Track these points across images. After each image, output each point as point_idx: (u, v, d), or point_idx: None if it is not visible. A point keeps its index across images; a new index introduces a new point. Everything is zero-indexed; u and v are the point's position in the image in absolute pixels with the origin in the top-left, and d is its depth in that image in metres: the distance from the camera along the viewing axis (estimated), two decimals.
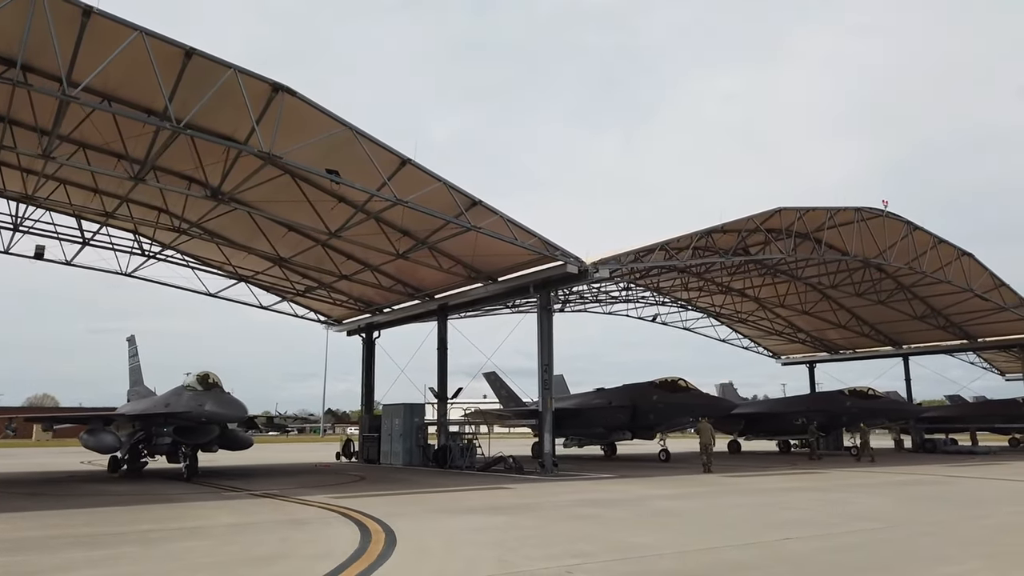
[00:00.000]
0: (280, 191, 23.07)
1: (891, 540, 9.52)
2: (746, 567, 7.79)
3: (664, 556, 8.37)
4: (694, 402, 31.10)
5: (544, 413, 24.27)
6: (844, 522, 11.38)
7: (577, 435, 36.47)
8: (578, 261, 23.41)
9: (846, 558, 8.17)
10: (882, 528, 10.63)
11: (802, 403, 41.54)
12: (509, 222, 21.86)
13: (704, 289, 41.70)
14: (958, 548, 8.87)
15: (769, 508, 13.44)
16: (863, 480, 20.63)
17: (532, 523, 11.38)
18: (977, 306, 39.34)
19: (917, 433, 46.95)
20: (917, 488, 18.09)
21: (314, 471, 26.20)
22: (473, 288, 27.34)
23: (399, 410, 29.97)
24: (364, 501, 14.85)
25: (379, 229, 24.09)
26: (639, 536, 9.90)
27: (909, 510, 13.15)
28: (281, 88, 17.68)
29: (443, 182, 20.65)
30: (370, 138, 19.26)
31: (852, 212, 31.28)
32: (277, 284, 32.52)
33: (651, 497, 15.68)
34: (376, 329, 34.81)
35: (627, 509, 13.43)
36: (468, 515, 12.45)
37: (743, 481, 20.61)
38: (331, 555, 8.47)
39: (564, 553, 8.51)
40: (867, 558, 8.19)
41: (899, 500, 14.97)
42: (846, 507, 13.55)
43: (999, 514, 12.58)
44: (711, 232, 28.10)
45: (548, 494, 16.39)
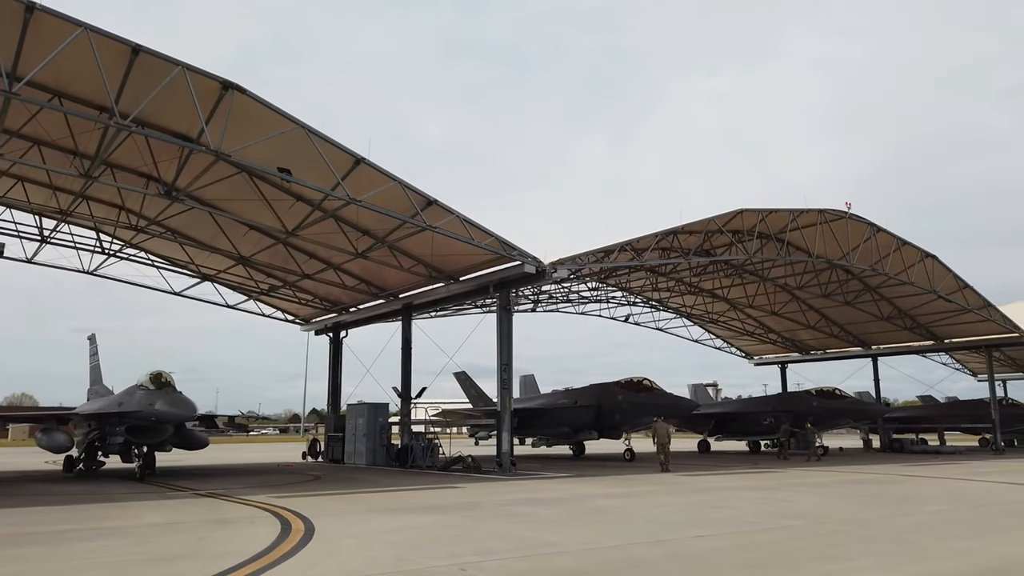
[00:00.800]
0: (238, 190, 23.04)
1: (799, 538, 9.65)
2: (640, 563, 7.88)
3: (567, 553, 8.44)
4: (658, 402, 31.29)
5: (502, 413, 24.33)
6: (766, 520, 11.51)
7: (544, 435, 36.57)
8: (536, 261, 23.48)
9: (740, 555, 8.28)
10: (800, 526, 10.77)
11: (769, 403, 41.92)
12: (465, 222, 21.90)
13: (674, 290, 41.91)
14: (861, 546, 9.00)
15: (702, 507, 13.55)
16: (815, 479, 20.84)
17: (458, 522, 11.43)
18: (942, 307, 39.75)
19: (885, 433, 47.47)
20: (862, 487, 18.31)
21: (275, 471, 26.12)
22: (435, 288, 27.37)
23: (363, 410, 29.91)
24: (305, 501, 14.83)
25: (338, 228, 24.10)
26: (556, 534, 9.97)
27: (840, 508, 13.31)
28: (231, 86, 17.62)
29: (398, 181, 20.67)
30: (323, 136, 19.23)
31: (815, 214, 31.54)
32: (243, 283, 32.39)
33: (593, 496, 15.78)
34: (343, 329, 34.75)
35: (562, 507, 13.51)
36: (401, 514, 12.48)
37: (695, 480, 20.77)
38: (236, 554, 8.47)
39: (470, 551, 8.57)
40: (761, 556, 8.31)
41: (836, 499, 15.15)
42: (780, 506, 13.70)
43: (923, 512, 12.77)
44: (673, 233, 28.25)
45: (493, 493, 16.44)
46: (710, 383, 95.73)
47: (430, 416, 36.23)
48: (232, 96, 17.70)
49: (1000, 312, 40.05)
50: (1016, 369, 66.78)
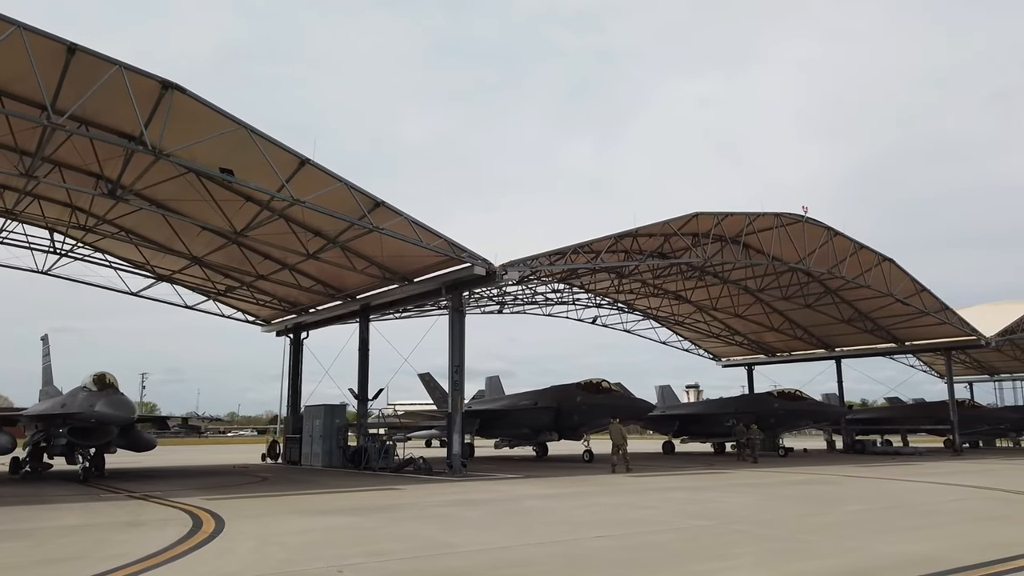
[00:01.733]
0: (187, 190, 22.92)
1: (696, 539, 9.78)
2: (521, 563, 7.96)
3: (457, 555, 8.50)
4: (615, 403, 31.51)
5: (453, 414, 24.38)
6: (677, 521, 11.65)
7: (506, 436, 36.66)
8: (486, 263, 23.54)
9: (624, 555, 8.39)
10: (706, 527, 10.90)
11: (732, 404, 42.27)
12: (413, 223, 21.92)
13: (639, 292, 42.19)
14: (753, 545, 9.14)
15: (626, 508, 13.68)
16: (758, 480, 21.07)
17: (373, 524, 11.46)
18: (901, 311, 40.27)
19: (848, 434, 48.01)
20: (799, 488, 18.53)
21: (228, 472, 25.96)
22: (390, 289, 27.38)
23: (319, 411, 29.84)
24: (234, 503, 14.81)
25: (289, 228, 24.05)
26: (462, 536, 10.03)
27: (760, 509, 13.49)
28: (171, 85, 17.55)
29: (344, 182, 20.65)
30: (266, 137, 19.17)
31: (772, 217, 31.87)
32: (201, 284, 32.19)
33: (527, 497, 15.87)
34: (304, 330, 34.62)
35: (488, 509, 13.58)
36: (321, 516, 12.49)
37: (639, 482, 20.91)
38: (126, 556, 8.46)
39: (362, 553, 8.61)
40: (645, 556, 8.44)
41: (764, 499, 15.35)
42: (702, 507, 13.86)
43: (839, 512, 12.97)
44: (629, 235, 28.42)
45: (430, 494, 16.48)
46: (692, 384, 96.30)
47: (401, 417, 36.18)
48: (172, 96, 17.64)
49: (957, 315, 40.67)
50: (982, 371, 68.00)
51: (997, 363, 65.02)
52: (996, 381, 70.29)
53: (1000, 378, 69.48)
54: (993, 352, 60.73)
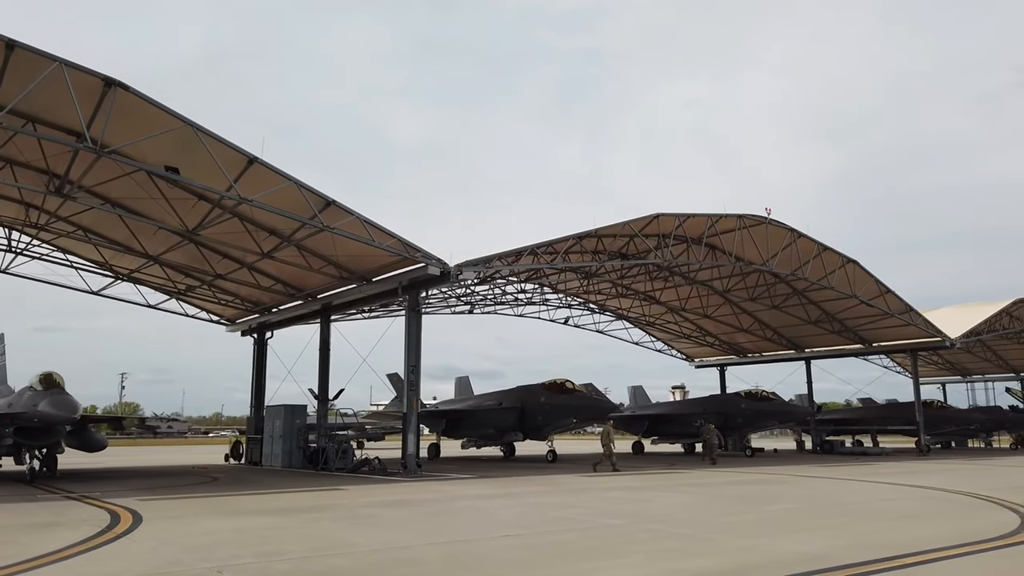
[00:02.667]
0: (140, 187, 22.76)
1: (599, 537, 9.83)
2: (411, 563, 7.98)
3: (353, 555, 8.51)
4: (577, 403, 31.62)
5: (408, 414, 24.34)
6: (595, 519, 11.72)
7: (471, 436, 36.65)
8: (441, 263, 23.53)
9: (518, 554, 8.44)
10: (618, 525, 10.97)
11: (700, 405, 42.48)
12: (365, 222, 21.87)
13: (607, 292, 42.29)
14: (653, 544, 9.21)
15: (555, 507, 13.73)
16: (706, 480, 21.18)
17: (291, 524, 11.44)
18: (867, 312, 40.59)
19: (818, 435, 48.35)
20: (741, 488, 18.64)
21: (184, 474, 25.75)
22: (349, 289, 27.31)
23: (280, 411, 29.69)
24: (165, 504, 14.75)
25: (243, 227, 23.96)
26: (367, 535, 10.03)
27: (684, 508, 13.58)
28: (113, 83, 17.45)
29: (293, 181, 20.58)
30: (212, 135, 19.06)
31: (735, 219, 32.02)
32: (163, 284, 31.98)
33: (463, 497, 15.89)
34: (268, 330, 34.43)
35: (416, 509, 13.57)
36: (243, 517, 12.44)
37: (589, 482, 20.96)
38: (18, 556, 8.40)
39: (257, 553, 8.59)
40: (540, 554, 8.49)
41: (697, 498, 15.45)
42: (630, 506, 13.93)
43: (764, 511, 13.08)
44: (587, 236, 28.48)
45: (367, 495, 16.46)
46: (678, 385, 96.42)
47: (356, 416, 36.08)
48: (115, 92, 17.54)
49: (922, 317, 41.06)
50: (954, 373, 68.69)
51: (969, 364, 65.70)
52: (968, 382, 70.96)
53: (972, 379, 70.14)
54: (965, 354, 61.50)
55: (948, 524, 11.34)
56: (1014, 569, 7.80)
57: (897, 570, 7.53)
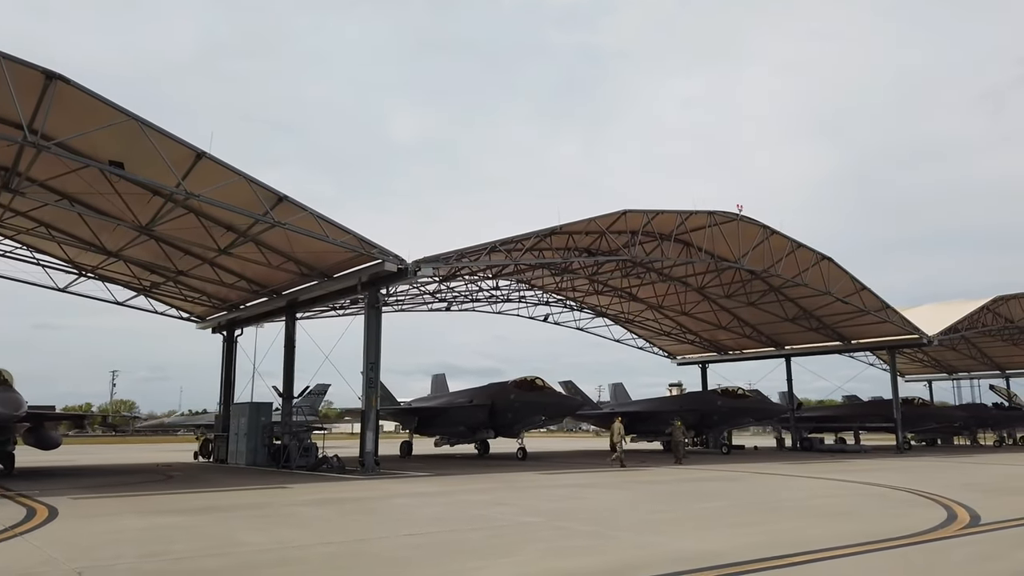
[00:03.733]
0: (94, 182, 22.51)
1: (501, 535, 9.68)
2: (286, 563, 7.80)
3: (231, 555, 8.34)
4: (546, 400, 31.49)
5: (368, 412, 24.16)
6: (516, 517, 11.56)
7: (443, 433, 36.45)
8: (398, 259, 23.35)
9: (405, 553, 8.30)
10: (533, 523, 10.82)
11: (677, 403, 42.37)
12: (319, 218, 21.67)
13: (583, 289, 42.12)
14: (550, 542, 9.05)
15: (485, 505, 13.58)
16: (660, 478, 21.06)
17: (199, 523, 11.29)
18: (843, 309, 40.44)
19: (797, 432, 48.29)
20: (688, 485, 18.49)
21: (143, 472, 25.54)
22: (311, 285, 27.12)
23: (244, 409, 29.50)
24: (95, 502, 14.61)
25: (199, 223, 23.75)
26: (266, 535, 9.86)
27: (613, 506, 13.44)
28: (54, 76, 17.25)
29: (243, 176, 20.38)
30: (158, 130, 18.87)
31: (705, 215, 31.85)
32: (128, 280, 31.73)
33: (399, 495, 15.78)
34: (238, 327, 34.19)
35: (342, 507, 13.42)
36: (161, 516, 12.27)
37: (543, 479, 20.82)
38: None
39: (140, 553, 8.43)
40: (425, 553, 8.34)
41: (637, 496, 15.32)
42: (561, 504, 13.79)
43: (692, 508, 12.95)
44: (553, 233, 28.30)
45: (306, 493, 16.28)
46: (675, 383, 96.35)
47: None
48: (56, 86, 17.33)
49: (899, 314, 40.96)
50: (940, 370, 68.66)
51: (955, 362, 65.69)
52: (954, 380, 70.96)
53: (958, 377, 70.14)
54: (950, 351, 61.50)
55: (867, 522, 11.19)
56: (895, 567, 7.62)
57: (779, 569, 7.36)
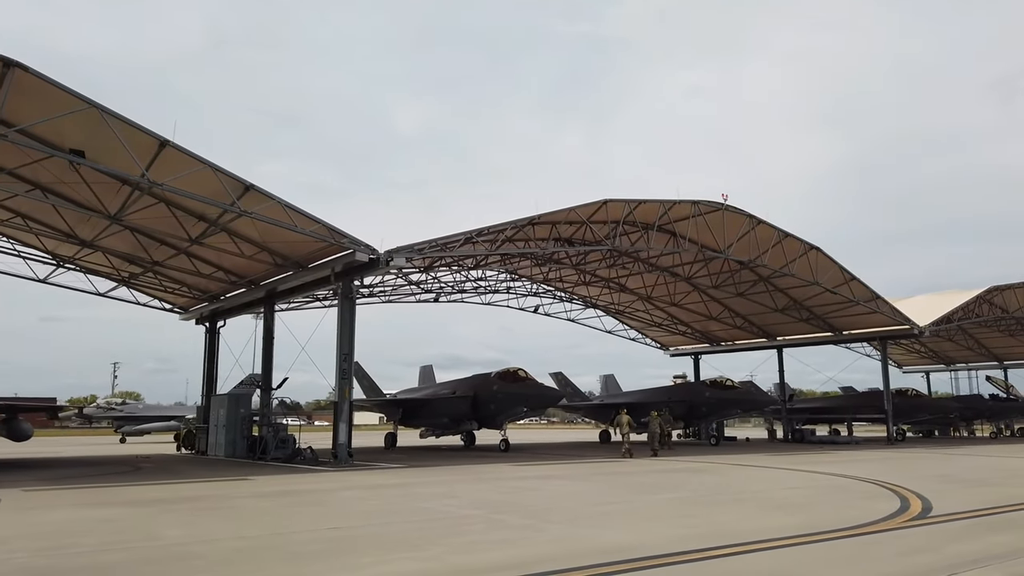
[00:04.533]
0: (64, 172, 22.34)
1: (429, 529, 9.43)
2: (188, 557, 7.58)
3: (137, 549, 8.13)
4: (528, 392, 31.25)
5: (340, 403, 23.98)
6: (456, 510, 11.34)
7: (427, 425, 36.28)
8: (369, 249, 23.10)
9: (314, 548, 8.03)
10: (469, 516, 10.58)
11: (665, 393, 42.10)
12: (287, 207, 21.43)
13: (571, 280, 41.82)
14: (473, 535, 8.81)
15: (429, 498, 13.35)
16: (628, 470, 20.80)
17: (132, 516, 11.10)
18: (833, 299, 40.05)
19: (790, 423, 48.02)
20: (652, 477, 18.22)
21: (118, 463, 25.39)
22: (285, 276, 26.89)
23: (223, 400, 29.37)
24: (47, 494, 14.52)
25: (170, 212, 23.54)
26: (190, 528, 9.64)
27: (563, 498, 13.20)
28: (11, 63, 17.01)
29: (209, 164, 20.13)
30: (120, 117, 18.61)
31: (689, 205, 31.46)
32: (110, 272, 31.57)
33: (355, 487, 15.58)
34: (220, 318, 34.04)
35: (286, 501, 13.19)
36: (101, 508, 12.11)
37: (514, 470, 20.59)
38: None
39: (43, 547, 8.23)
40: (335, 546, 8.11)
41: (594, 488, 15.07)
42: (513, 496, 13.55)
43: (641, 501, 12.69)
44: (532, 223, 27.97)
45: (263, 486, 16.09)
46: (679, 375, 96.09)
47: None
48: (14, 74, 17.10)
49: (889, 304, 40.54)
50: (937, 361, 68.25)
51: (952, 353, 65.30)
52: (952, 371, 70.55)
53: (956, 368, 69.73)
54: (947, 342, 61.14)
55: (815, 514, 10.91)
56: (816, 559, 7.35)
57: (693, 563, 7.11)
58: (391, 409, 37.37)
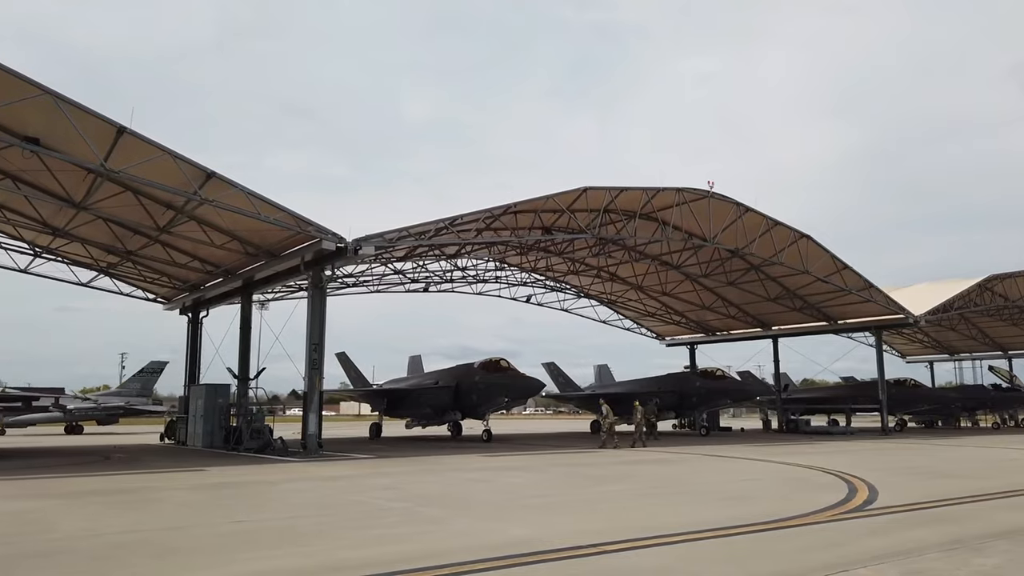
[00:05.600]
0: (28, 161, 22.13)
1: (337, 524, 9.14)
2: (61, 552, 7.32)
3: (12, 545, 7.86)
4: (508, 382, 30.93)
5: (310, 393, 23.75)
6: (385, 503, 11.03)
7: (411, 415, 36.04)
8: (336, 237, 22.80)
9: (199, 544, 7.78)
10: (393, 508, 10.28)
11: (656, 384, 41.64)
12: (250, 195, 21.14)
13: (560, 268, 41.41)
14: (372, 531, 8.50)
15: (371, 489, 13.08)
16: (600, 460, 20.47)
17: (50, 508, 10.88)
18: (826, 288, 39.41)
19: (785, 414, 47.50)
20: (618, 468, 17.88)
21: (92, 453, 25.27)
22: (258, 266, 26.63)
23: (202, 391, 29.23)
24: None
25: (137, 200, 23.33)
26: (87, 522, 9.38)
27: (504, 491, 12.87)
28: None
29: (168, 152, 19.86)
30: (75, 104, 18.38)
31: (673, 192, 30.94)
32: (88, 262, 31.46)
33: (302, 479, 15.36)
34: (203, 308, 33.91)
35: (223, 493, 12.99)
36: (26, 500, 11.90)
37: (476, 461, 20.29)
38: None
39: None
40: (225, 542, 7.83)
41: (542, 480, 14.74)
42: (457, 488, 13.27)
43: (583, 493, 12.36)
44: (508, 212, 27.59)
45: (214, 477, 15.89)
46: (687, 366, 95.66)
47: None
48: None
49: (883, 293, 39.84)
50: (941, 351, 67.34)
51: (956, 343, 64.37)
52: (956, 361, 69.66)
53: (960, 358, 68.82)
54: (950, 331, 60.22)
55: (750, 506, 10.55)
56: (715, 554, 6.99)
57: (579, 558, 6.77)
58: (376, 399, 37.18)
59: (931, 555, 6.89)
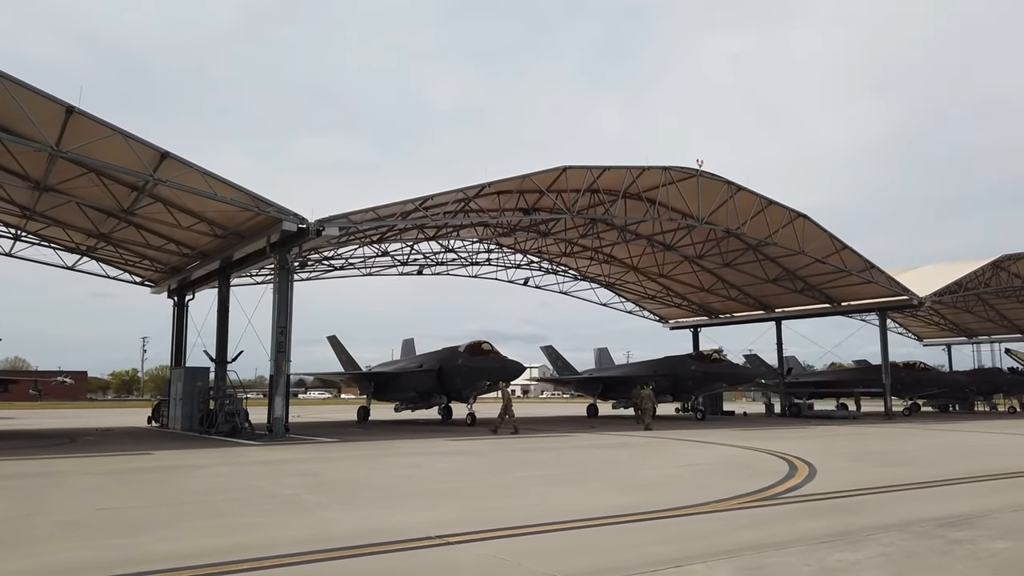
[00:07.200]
0: None
1: (197, 511, 8.73)
2: None
3: None
4: (491, 365, 30.45)
5: (277, 377, 23.45)
6: (285, 488, 10.62)
7: (397, 399, 35.78)
8: (298, 218, 22.38)
9: (23, 533, 7.39)
10: (281, 495, 9.86)
11: (652, 367, 40.89)
12: (205, 175, 20.75)
13: (553, 250, 40.74)
14: (221, 519, 8.07)
15: (286, 474, 12.69)
16: (578, 443, 19.98)
17: None
18: (826, 269, 38.28)
19: (787, 398, 46.52)
20: (568, 453, 17.37)
21: (62, 436, 25.22)
22: (231, 248, 26.35)
23: (181, 374, 29.18)
24: None
25: (100, 182, 23.10)
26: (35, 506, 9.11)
27: (422, 478, 12.42)
28: None
29: (120, 132, 19.51)
30: (23, 84, 18.09)
31: (659, 172, 30.09)
32: (71, 245, 31.45)
33: (241, 463, 15.08)
34: (188, 291, 33.82)
35: (143, 478, 12.70)
36: None
37: (428, 445, 19.88)
38: None
39: None
40: (60, 532, 7.43)
41: (478, 464, 14.29)
42: (377, 474, 12.86)
43: (491, 480, 11.86)
44: (481, 191, 26.93)
45: (154, 461, 15.72)
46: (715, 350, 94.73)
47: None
48: None
49: (884, 274, 38.61)
50: (959, 333, 65.63)
51: (974, 325, 62.67)
52: (975, 343, 67.91)
53: (978, 340, 67.07)
54: (966, 313, 58.56)
55: (667, 493, 10.02)
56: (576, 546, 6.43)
57: (408, 552, 6.26)
58: (363, 383, 36.96)
59: (793, 549, 6.27)
